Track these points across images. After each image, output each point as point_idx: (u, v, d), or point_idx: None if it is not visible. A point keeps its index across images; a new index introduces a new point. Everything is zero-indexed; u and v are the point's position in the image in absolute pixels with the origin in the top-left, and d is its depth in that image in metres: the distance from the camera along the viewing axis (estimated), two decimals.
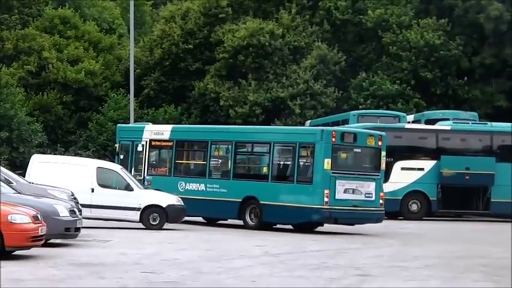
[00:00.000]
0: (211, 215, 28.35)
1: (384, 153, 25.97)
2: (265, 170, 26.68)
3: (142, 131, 29.94)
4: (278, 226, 26.62)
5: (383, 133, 26.50)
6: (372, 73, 46.92)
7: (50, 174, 24.29)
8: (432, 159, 33.75)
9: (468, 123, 35.58)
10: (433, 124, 35.24)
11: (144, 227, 24.85)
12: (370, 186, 25.46)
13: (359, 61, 49.25)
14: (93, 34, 51.05)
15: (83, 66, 47.84)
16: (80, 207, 20.73)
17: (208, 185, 27.50)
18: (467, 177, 33.42)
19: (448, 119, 35.80)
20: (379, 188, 25.67)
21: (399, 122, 36.47)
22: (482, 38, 47.02)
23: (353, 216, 25.31)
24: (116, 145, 30.75)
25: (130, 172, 27.98)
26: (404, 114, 38.71)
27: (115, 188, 25.21)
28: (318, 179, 24.86)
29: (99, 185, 25.07)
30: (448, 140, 34.43)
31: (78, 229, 18.97)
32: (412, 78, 46.20)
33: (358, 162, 26.45)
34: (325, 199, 24.64)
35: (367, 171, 25.93)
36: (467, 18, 46.82)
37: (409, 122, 37.04)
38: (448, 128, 34.42)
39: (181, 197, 25.96)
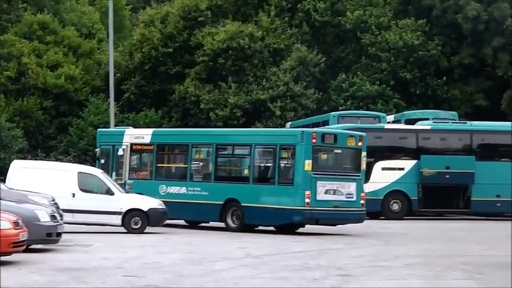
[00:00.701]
0: (193, 217, 28.33)
1: (364, 154, 26.06)
2: (246, 172, 26.74)
3: (123, 135, 29.86)
4: (260, 228, 26.66)
5: (363, 134, 26.59)
6: (352, 74, 47.07)
7: (31, 179, 24.20)
8: (412, 158, 33.89)
9: (448, 122, 35.79)
10: (413, 124, 35.39)
11: (125, 231, 24.81)
12: (351, 187, 25.54)
13: (338, 62, 49.40)
14: (73, 39, 50.86)
15: (63, 71, 47.67)
16: (61, 212, 20.68)
17: (189, 188, 27.48)
18: (447, 176, 33.59)
19: (427, 119, 35.98)
20: (360, 189, 25.76)
21: (379, 122, 36.61)
22: (460, 38, 47.31)
23: (334, 216, 25.39)
24: (96, 150, 30.67)
25: (111, 176, 27.93)
26: (384, 114, 38.88)
27: (96, 193, 25.18)
28: (299, 180, 24.92)
29: (80, 189, 25.00)
30: (428, 140, 34.61)
31: (59, 234, 18.94)
32: (392, 78, 46.40)
33: (339, 163, 26.54)
34: (307, 200, 24.70)
35: (347, 171, 26.02)
36: (445, 18, 47.09)
37: (389, 122, 37.19)
38: (428, 127, 34.60)
39: (162, 201, 25.91)
